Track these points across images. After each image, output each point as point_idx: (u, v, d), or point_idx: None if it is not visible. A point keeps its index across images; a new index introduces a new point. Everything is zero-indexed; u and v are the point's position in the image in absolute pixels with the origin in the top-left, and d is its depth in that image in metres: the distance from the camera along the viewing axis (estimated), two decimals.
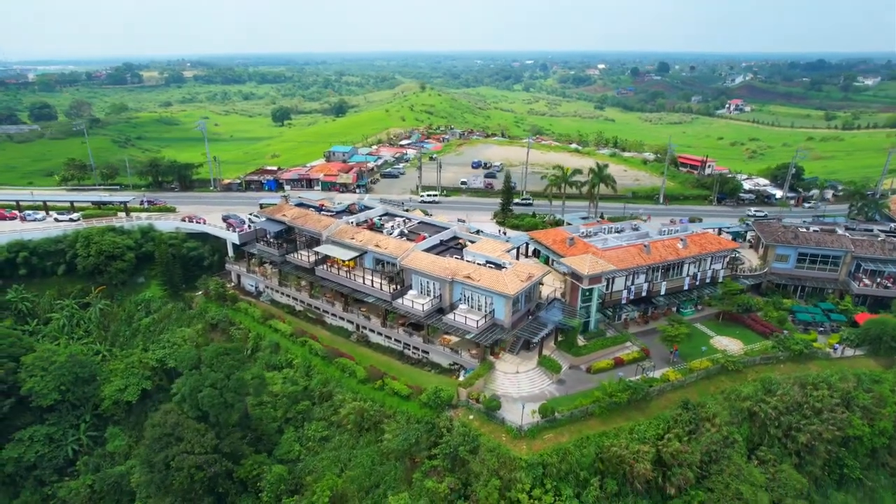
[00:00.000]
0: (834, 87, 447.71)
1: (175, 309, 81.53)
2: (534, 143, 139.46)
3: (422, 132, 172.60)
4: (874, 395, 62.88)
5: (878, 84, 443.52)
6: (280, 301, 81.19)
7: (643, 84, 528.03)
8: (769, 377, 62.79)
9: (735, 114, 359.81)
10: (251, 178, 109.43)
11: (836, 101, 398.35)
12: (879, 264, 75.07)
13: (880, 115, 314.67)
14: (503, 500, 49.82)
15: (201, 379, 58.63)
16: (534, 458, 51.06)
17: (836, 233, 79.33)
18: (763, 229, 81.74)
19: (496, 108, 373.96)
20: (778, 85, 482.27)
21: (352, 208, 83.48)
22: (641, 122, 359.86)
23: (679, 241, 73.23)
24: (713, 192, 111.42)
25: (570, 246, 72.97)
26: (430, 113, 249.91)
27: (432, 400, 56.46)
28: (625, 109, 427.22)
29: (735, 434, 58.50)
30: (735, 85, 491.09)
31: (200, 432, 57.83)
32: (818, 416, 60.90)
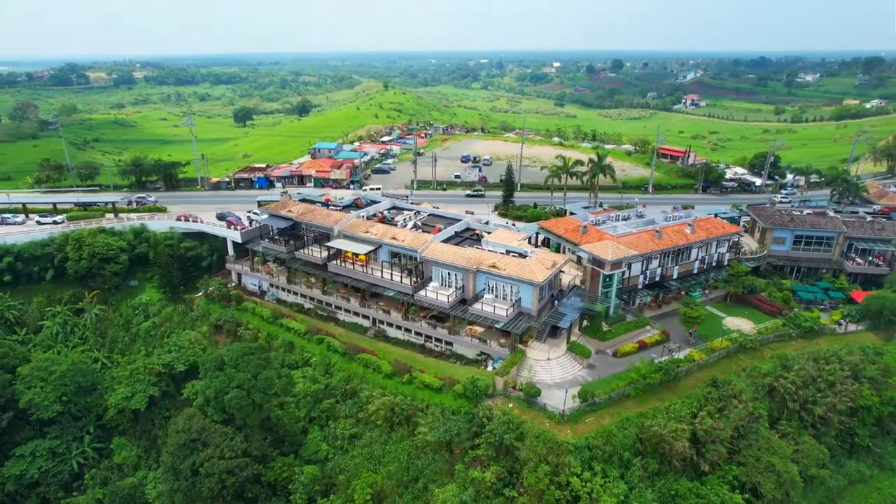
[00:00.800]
0: (778, 83, 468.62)
1: (176, 311, 78.24)
2: (516, 136, 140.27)
3: (401, 128, 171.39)
4: (880, 367, 65.88)
5: (817, 80, 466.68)
6: (287, 300, 79.02)
7: (599, 81, 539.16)
8: (784, 354, 65.08)
9: (691, 108, 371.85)
10: (241, 176, 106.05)
11: (781, 96, 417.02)
12: (870, 243, 78.81)
13: (824, 108, 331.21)
14: (552, 485, 49.88)
15: (226, 380, 56.42)
16: (580, 442, 51.35)
17: (827, 215, 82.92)
18: (760, 213, 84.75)
19: (459, 106, 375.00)
20: (727, 81, 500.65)
21: (358, 203, 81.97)
22: (601, 118, 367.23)
23: (687, 227, 75.09)
24: (698, 180, 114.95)
25: (584, 234, 73.76)
26: (398, 111, 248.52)
27: (469, 390, 55.91)
28: (584, 106, 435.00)
29: (759, 409, 60.39)
30: (687, 81, 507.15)
31: (228, 436, 55.73)
32: (831, 388, 63.45)
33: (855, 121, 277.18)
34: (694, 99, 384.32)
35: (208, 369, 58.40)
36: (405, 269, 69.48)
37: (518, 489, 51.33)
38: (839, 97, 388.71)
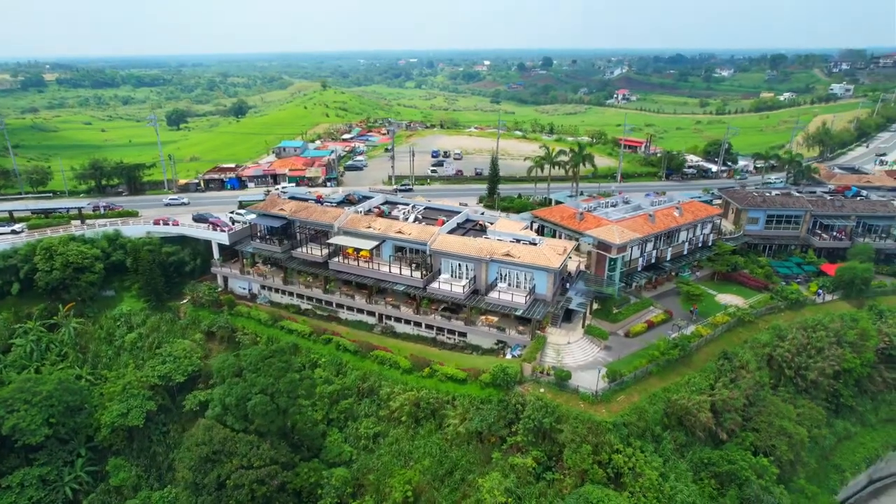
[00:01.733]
0: (697, 78, 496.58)
1: (163, 320, 73.60)
2: (477, 131, 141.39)
3: (360, 126, 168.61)
4: (858, 331, 71.21)
5: (732, 76, 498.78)
6: (281, 302, 76.17)
7: (531, 78, 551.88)
8: (778, 325, 69.32)
9: (623, 103, 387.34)
10: (211, 177, 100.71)
11: (702, 90, 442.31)
12: (832, 220, 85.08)
13: (743, 101, 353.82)
14: (594, 464, 50.76)
15: (247, 386, 53.69)
16: (617, 420, 52.58)
17: (793, 195, 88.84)
18: (734, 196, 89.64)
19: (398, 105, 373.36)
20: (651, 77, 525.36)
21: (351, 199, 79.98)
22: (538, 114, 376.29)
23: (675, 210, 78.31)
24: (661, 168, 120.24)
25: (581, 220, 75.39)
26: (344, 109, 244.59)
27: (500, 378, 55.95)
28: (519, 103, 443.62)
29: (763, 378, 63.98)
30: (614, 77, 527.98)
31: (254, 444, 53.14)
32: (820, 354, 68.00)
33: (774, 112, 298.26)
34: (625, 94, 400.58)
35: (226, 376, 55.38)
36: (411, 262, 68.52)
37: (559, 471, 51.95)
38: (752, 91, 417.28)
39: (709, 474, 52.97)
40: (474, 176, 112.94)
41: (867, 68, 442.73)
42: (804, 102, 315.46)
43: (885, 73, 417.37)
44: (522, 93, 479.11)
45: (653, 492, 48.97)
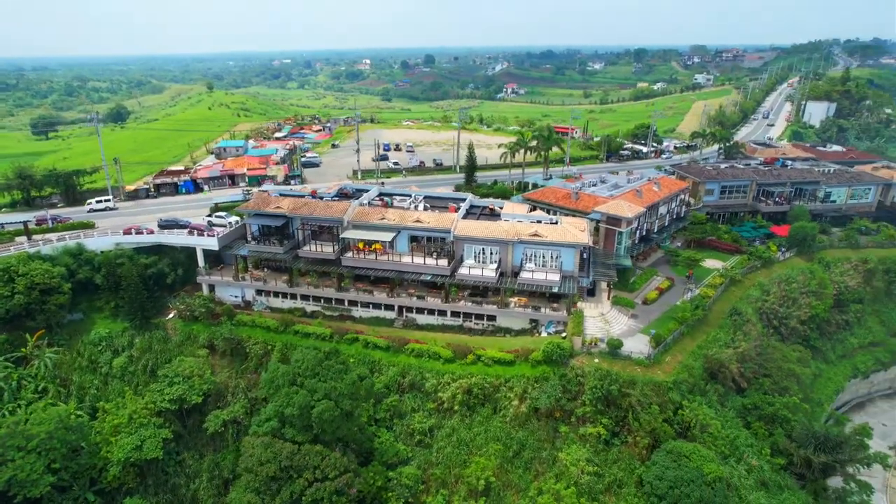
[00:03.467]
0: (573, 71, 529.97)
1: (154, 339, 65.74)
2: (414, 124, 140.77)
3: (289, 123, 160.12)
4: (818, 281, 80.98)
5: (603, 68, 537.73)
6: (282, 307, 71.09)
7: (416, 76, 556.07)
8: (761, 282, 76.75)
9: (512, 96, 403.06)
10: (163, 181, 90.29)
11: (579, 83, 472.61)
12: (774, 187, 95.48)
13: (622, 91, 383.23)
14: (663, 422, 53.33)
15: (308, 393, 49.76)
16: (675, 379, 55.59)
17: (738, 167, 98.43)
18: (690, 171, 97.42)
19: (292, 105, 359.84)
20: (530, 71, 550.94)
21: (346, 192, 76.27)
22: (434, 110, 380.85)
23: (654, 185, 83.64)
24: (601, 151, 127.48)
25: (576, 200, 78.17)
26: (246, 110, 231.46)
27: (555, 354, 56.73)
28: (411, 100, 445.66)
29: (761, 329, 70.71)
30: (497, 73, 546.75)
31: (324, 454, 49.43)
32: (795, 304, 76.69)
33: (654, 99, 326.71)
34: (513, 88, 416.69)
35: (281, 385, 50.77)
36: (431, 251, 67.08)
37: (628, 436, 53.90)
38: (623, 82, 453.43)
39: (755, 417, 57.66)
40: (435, 167, 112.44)
41: (713, 61, 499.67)
42: (675, 91, 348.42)
43: (727, 65, 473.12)
44: (412, 90, 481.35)
45: (721, 440, 52.51)
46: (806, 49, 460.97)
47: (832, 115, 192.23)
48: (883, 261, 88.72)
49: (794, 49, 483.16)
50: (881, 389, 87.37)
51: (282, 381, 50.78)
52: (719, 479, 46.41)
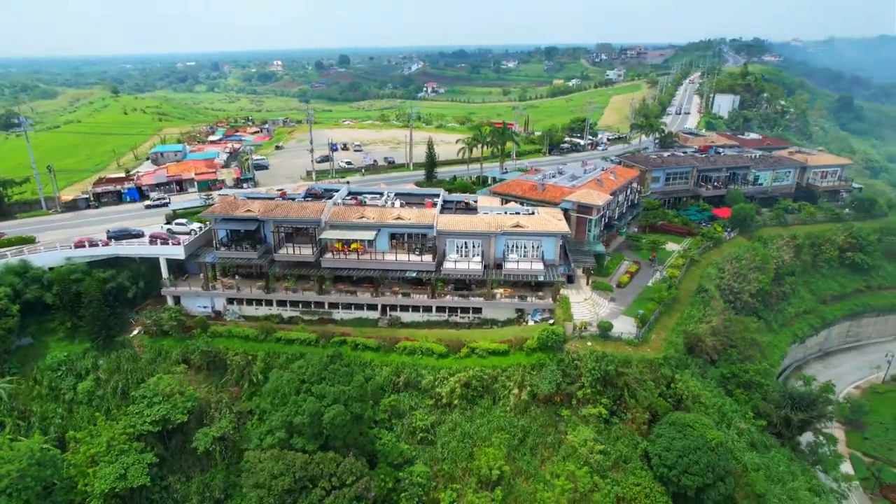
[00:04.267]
0: (488, 70, 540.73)
1: (122, 359, 60.80)
2: (355, 124, 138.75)
3: (223, 126, 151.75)
4: (761, 257, 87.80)
5: (517, 67, 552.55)
6: (257, 314, 67.93)
7: (331, 76, 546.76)
8: (714, 260, 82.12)
9: (433, 95, 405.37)
10: (104, 190, 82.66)
11: (494, 81, 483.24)
12: (712, 172, 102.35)
13: (539, 88, 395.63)
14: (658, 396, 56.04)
15: (317, 400, 47.98)
16: (667, 355, 58.48)
17: (679, 155, 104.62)
18: (637, 160, 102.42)
19: (207, 109, 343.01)
20: (446, 70, 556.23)
21: (315, 192, 73.76)
22: (356, 110, 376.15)
23: (611, 174, 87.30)
24: (544, 145, 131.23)
25: (543, 191, 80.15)
26: (163, 113, 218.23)
27: (551, 340, 58.04)
28: (329, 101, 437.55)
29: (722, 304, 75.73)
30: (413, 72, 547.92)
31: (338, 461, 47.92)
32: (745, 279, 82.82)
33: (569, 95, 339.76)
34: (434, 87, 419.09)
35: (288, 394, 48.52)
36: (412, 248, 66.50)
37: (626, 412, 56.13)
38: (537, 79, 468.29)
39: (734, 385, 61.74)
40: (388, 165, 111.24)
41: (619, 58, 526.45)
42: (589, 87, 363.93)
43: (632, 62, 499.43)
44: (329, 90, 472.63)
45: (711, 409, 55.89)
46: (699, 47, 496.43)
47: (737, 106, 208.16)
48: (808, 236, 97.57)
49: (689, 47, 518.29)
50: (813, 352, 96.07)
51: (288, 389, 48.61)
52: (720, 444, 49.43)
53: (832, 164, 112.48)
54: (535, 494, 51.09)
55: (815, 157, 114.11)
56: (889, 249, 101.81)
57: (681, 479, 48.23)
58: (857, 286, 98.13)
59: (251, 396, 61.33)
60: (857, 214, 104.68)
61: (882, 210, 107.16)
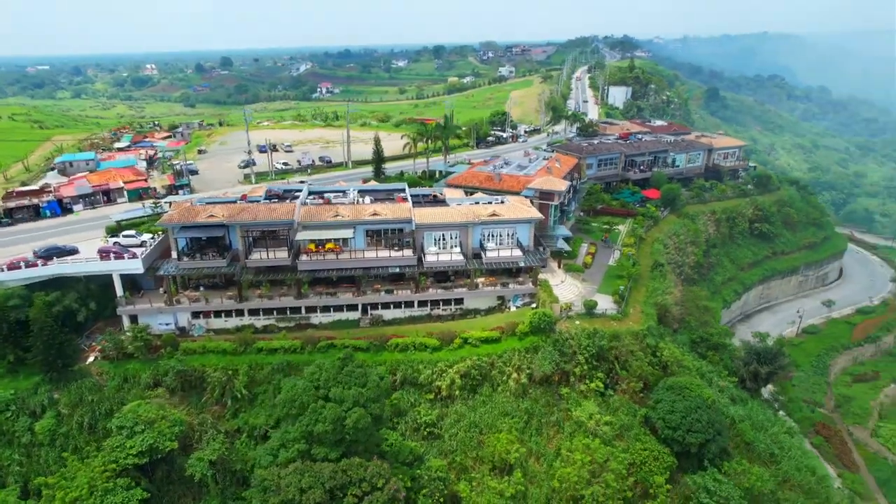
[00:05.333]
0: (379, 69, 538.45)
1: (84, 389, 54.24)
2: (274, 125, 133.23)
3: (129, 132, 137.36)
4: (693, 231, 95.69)
5: (408, 66, 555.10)
6: (226, 327, 63.42)
7: (215, 79, 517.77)
8: (657, 237, 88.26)
9: (328, 96, 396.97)
10: (18, 204, 71.46)
11: (386, 80, 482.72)
12: (635, 157, 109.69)
13: (434, 86, 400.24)
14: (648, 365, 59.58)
15: (337, 405, 45.93)
16: (650, 326, 62.19)
17: (608, 142, 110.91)
18: (571, 148, 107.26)
19: (83, 116, 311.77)
20: (336, 71, 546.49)
21: (276, 194, 69.82)
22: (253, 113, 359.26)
23: (556, 163, 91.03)
24: (471, 138, 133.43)
25: (500, 181, 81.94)
26: (36, 122, 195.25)
27: (544, 323, 59.60)
28: (217, 104, 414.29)
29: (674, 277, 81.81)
30: (302, 73, 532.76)
31: (365, 465, 46.20)
32: (684, 251, 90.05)
33: (466, 92, 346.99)
34: (328, 87, 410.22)
35: (307, 402, 45.83)
36: (392, 243, 65.33)
37: (618, 385, 59.12)
38: (428, 77, 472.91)
39: (705, 348, 66.96)
40: (325, 164, 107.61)
41: (505, 56, 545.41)
42: (483, 84, 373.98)
43: (517, 59, 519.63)
44: (215, 94, 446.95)
45: (693, 371, 60.31)
46: (576, 44, 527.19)
47: (630, 97, 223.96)
48: (724, 211, 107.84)
49: (568, 44, 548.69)
50: (737, 316, 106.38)
51: (305, 397, 45.98)
52: (714, 402, 53.60)
53: (732, 146, 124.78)
54: (553, 472, 52.36)
55: (718, 139, 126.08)
56: (786, 219, 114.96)
57: (686, 438, 51.67)
58: (766, 253, 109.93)
59: (236, 414, 57.50)
60: (757, 190, 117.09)
61: (776, 185, 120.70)
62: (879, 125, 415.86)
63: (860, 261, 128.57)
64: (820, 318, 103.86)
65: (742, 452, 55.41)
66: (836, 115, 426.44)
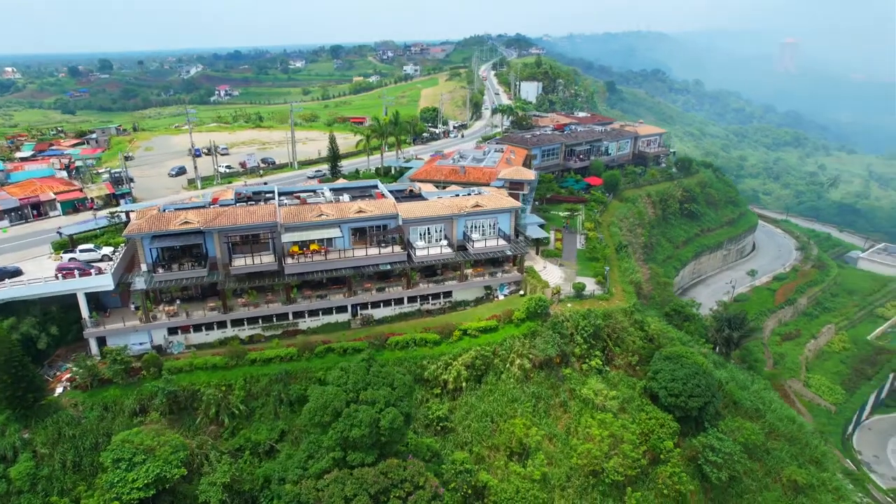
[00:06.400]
0: (276, 70, 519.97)
1: (61, 424, 48.32)
2: (193, 127, 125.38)
3: (30, 140, 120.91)
4: (637, 212, 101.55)
5: (306, 66, 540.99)
6: (207, 341, 58.99)
7: (94, 83, 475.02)
8: (609, 221, 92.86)
9: (227, 98, 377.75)
10: None
11: (285, 82, 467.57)
12: (575, 147, 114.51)
13: (339, 86, 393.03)
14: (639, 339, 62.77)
15: (369, 407, 44.28)
16: (634, 303, 65.36)
17: (549, 133, 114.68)
18: (514, 140, 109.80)
19: None
20: (230, 73, 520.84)
21: (247, 196, 65.53)
22: (144, 118, 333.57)
23: (511, 154, 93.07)
24: (409, 135, 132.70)
25: (464, 174, 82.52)
26: None
27: (540, 308, 60.90)
28: (102, 111, 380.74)
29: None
30: (194, 76, 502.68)
31: (403, 465, 44.98)
32: (634, 233, 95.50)
33: (378, 90, 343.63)
34: (226, 90, 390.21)
35: (340, 407, 43.62)
36: (380, 240, 63.80)
37: (613, 361, 61.83)
38: (329, 78, 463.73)
39: (679, 319, 71.41)
40: (268, 166, 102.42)
41: (405, 54, 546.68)
42: (389, 83, 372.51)
43: (417, 57, 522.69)
44: (98, 99, 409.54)
45: (678, 342, 64.22)
46: (472, 42, 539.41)
47: (541, 92, 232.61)
48: (657, 193, 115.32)
49: (464, 42, 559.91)
50: (676, 291, 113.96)
51: (337, 403, 43.82)
52: (707, 367, 57.50)
53: (654, 133, 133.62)
54: (570, 450, 53.80)
55: (641, 128, 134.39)
56: (709, 199, 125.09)
57: (688, 403, 55.02)
58: (696, 231, 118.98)
59: (234, 432, 53.82)
60: (680, 173, 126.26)
61: (696, 168, 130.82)
62: (746, 114, 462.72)
63: (767, 233, 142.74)
64: (746, 286, 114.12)
65: (731, 411, 59.94)
66: (711, 105, 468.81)
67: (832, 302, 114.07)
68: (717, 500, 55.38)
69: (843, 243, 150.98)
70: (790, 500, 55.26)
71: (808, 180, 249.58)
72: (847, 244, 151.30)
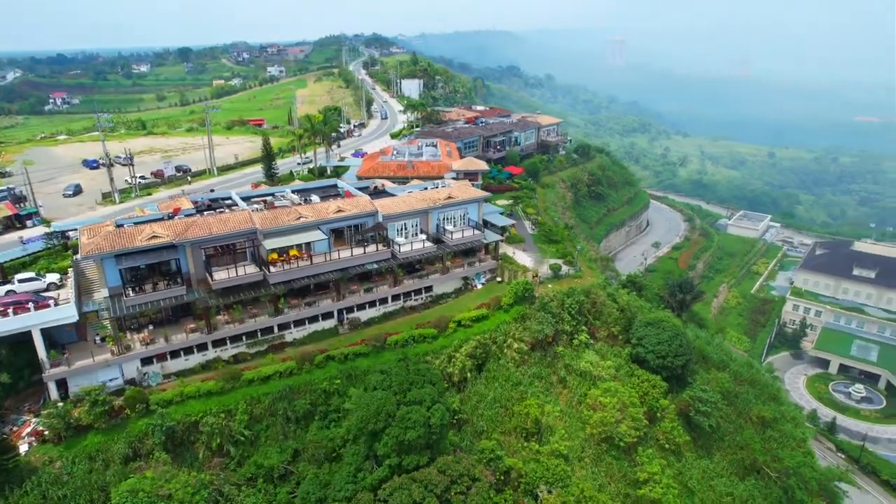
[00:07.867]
0: (118, 75, 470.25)
1: (44, 485, 40.75)
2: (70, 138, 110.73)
3: None
4: (561, 196, 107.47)
5: (152, 71, 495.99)
6: (187, 367, 52.87)
7: None
8: (543, 206, 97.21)
9: (65, 108, 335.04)
10: None
11: (130, 87, 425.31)
12: (492, 138, 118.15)
13: (198, 90, 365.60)
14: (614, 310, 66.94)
15: (419, 407, 42.89)
16: (605, 278, 69.49)
17: (469, 127, 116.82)
18: (436, 134, 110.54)
19: None
20: (60, 78, 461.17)
21: (206, 204, 59.04)
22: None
23: (446, 147, 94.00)
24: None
25: (413, 168, 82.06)
26: None
27: (527, 292, 62.64)
28: None
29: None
30: (12, 82, 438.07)
31: (457, 459, 44.30)
32: (564, 216, 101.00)
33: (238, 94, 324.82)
34: (63, 97, 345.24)
35: (393, 412, 41.48)
36: (362, 240, 61.31)
37: (595, 334, 65.46)
38: (180, 82, 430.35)
39: (636, 288, 76.96)
40: (183, 173, 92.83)
41: (262, 56, 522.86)
42: (254, 85, 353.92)
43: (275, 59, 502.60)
44: None
45: (646, 308, 69.45)
46: (329, 42, 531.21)
47: (423, 89, 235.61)
48: (568, 178, 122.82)
49: (321, 42, 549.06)
50: None
51: (390, 407, 41.72)
52: (682, 329, 63.07)
53: (553, 123, 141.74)
54: (584, 421, 56.19)
55: (541, 118, 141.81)
56: (610, 181, 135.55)
57: (674, 363, 59.95)
58: (603, 211, 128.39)
59: (241, 461, 49.03)
60: (582, 159, 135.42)
61: (594, 153, 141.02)
62: (594, 105, 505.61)
63: (654, 209, 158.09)
64: (653, 257, 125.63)
65: (702, 365, 66.24)
66: (563, 98, 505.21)
67: (720, 264, 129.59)
68: (705, 446, 61.07)
69: (712, 214, 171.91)
70: (761, 433, 62.52)
71: (662, 161, 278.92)
72: (715, 214, 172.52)
